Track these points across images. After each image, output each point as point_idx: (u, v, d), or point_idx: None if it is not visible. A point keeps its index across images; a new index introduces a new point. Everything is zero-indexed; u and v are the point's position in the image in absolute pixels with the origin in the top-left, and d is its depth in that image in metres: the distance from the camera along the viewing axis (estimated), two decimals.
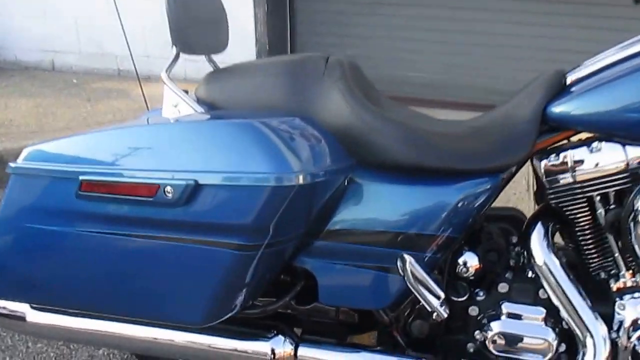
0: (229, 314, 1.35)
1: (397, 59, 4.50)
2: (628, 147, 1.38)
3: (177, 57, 1.46)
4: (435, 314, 1.39)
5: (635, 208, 1.35)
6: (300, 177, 1.21)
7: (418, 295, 1.38)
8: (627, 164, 1.38)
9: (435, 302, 1.38)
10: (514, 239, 1.60)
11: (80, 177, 1.27)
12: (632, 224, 1.35)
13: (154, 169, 1.24)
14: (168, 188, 1.21)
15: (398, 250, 1.41)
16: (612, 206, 1.43)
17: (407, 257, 1.38)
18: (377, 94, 1.63)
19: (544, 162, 1.44)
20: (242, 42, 4.22)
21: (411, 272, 1.37)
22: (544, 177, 1.44)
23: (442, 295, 1.38)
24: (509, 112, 1.47)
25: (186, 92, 1.51)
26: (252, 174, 1.19)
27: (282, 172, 1.20)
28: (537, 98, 1.43)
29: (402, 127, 1.41)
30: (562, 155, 1.42)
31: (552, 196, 1.44)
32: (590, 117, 1.38)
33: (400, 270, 1.39)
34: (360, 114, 1.40)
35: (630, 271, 1.44)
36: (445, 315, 1.39)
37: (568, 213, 1.45)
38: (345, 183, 1.40)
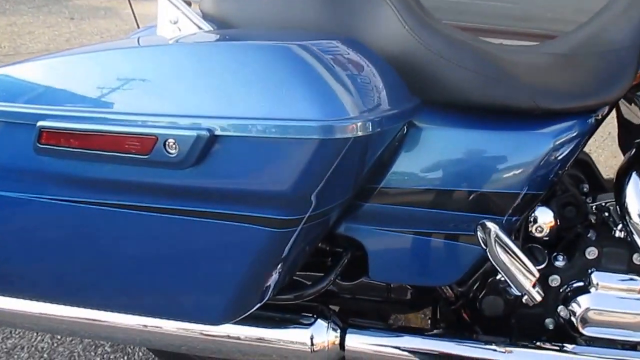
0: (256, 306, 1.03)
1: None
2: None
3: None
4: (525, 297, 1.08)
5: None
6: (358, 126, 0.85)
7: (506, 276, 1.06)
8: None
9: (528, 284, 1.06)
10: (586, 188, 1.30)
11: (39, 123, 0.89)
12: None
13: (149, 113, 0.86)
14: (170, 141, 0.85)
15: (471, 214, 1.08)
16: None
17: (490, 225, 1.05)
18: (435, 20, 1.26)
19: None
20: None
21: (497, 244, 1.04)
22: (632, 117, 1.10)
23: (537, 274, 1.06)
24: (600, 35, 1.11)
25: (189, 3, 1.12)
26: (291, 121, 0.82)
27: (334, 119, 0.83)
28: (636, 16, 1.07)
29: (477, 54, 1.05)
30: None
31: None
32: None
33: (481, 242, 1.06)
34: (422, 37, 1.03)
35: None
36: (540, 299, 1.08)
37: None
38: (405, 129, 1.05)
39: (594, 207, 1.26)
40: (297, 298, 1.14)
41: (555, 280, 1.20)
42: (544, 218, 1.19)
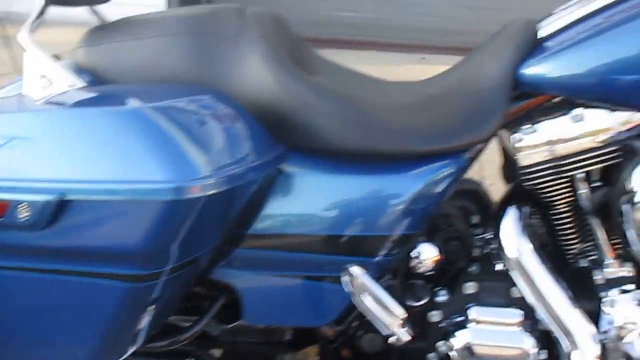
0: (128, 353, 1.03)
1: None
2: (616, 114, 1.13)
3: (43, 8, 1.07)
4: (393, 337, 1.12)
5: (628, 188, 1.10)
6: (210, 184, 0.88)
7: (371, 319, 1.10)
8: (616, 135, 1.13)
9: (394, 326, 1.10)
10: (476, 220, 1.33)
11: None
12: (624, 207, 1.11)
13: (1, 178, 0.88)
14: (22, 206, 0.86)
15: (341, 256, 1.12)
16: (597, 185, 1.18)
17: (353, 270, 1.09)
18: (309, 54, 1.31)
19: (515, 136, 1.17)
20: None
21: (361, 289, 1.09)
22: (516, 153, 1.17)
23: (402, 315, 1.11)
24: (472, 74, 1.18)
25: (56, 57, 1.13)
26: (140, 183, 0.85)
27: (183, 180, 0.87)
28: (506, 57, 1.15)
29: (342, 101, 1.10)
30: (537, 126, 1.16)
31: (526, 176, 1.17)
32: (570, 80, 1.11)
33: (346, 286, 1.10)
34: (288, 86, 1.08)
35: (618, 260, 1.20)
36: (407, 339, 1.12)
37: (544, 195, 1.19)
38: (274, 175, 1.09)
39: (478, 239, 1.30)
40: (172, 343, 1.15)
41: (435, 316, 1.24)
42: (427, 254, 1.23)
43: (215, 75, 1.09)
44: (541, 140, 1.15)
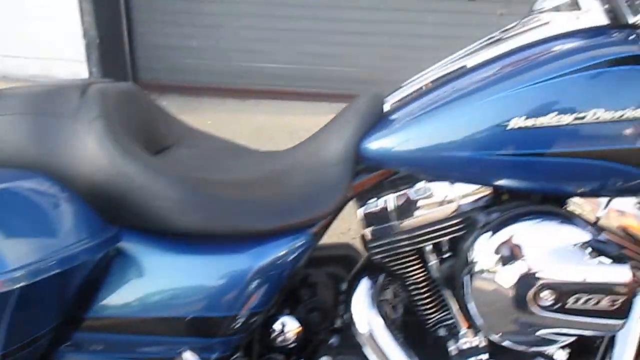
0: None
1: (248, 49, 4.16)
2: (458, 187, 1.15)
3: None
4: None
5: (469, 259, 1.12)
6: (17, 277, 0.86)
7: None
8: (458, 207, 1.15)
9: None
10: (345, 287, 1.32)
11: None
12: (464, 278, 1.12)
13: None
14: None
15: (183, 338, 1.10)
16: (446, 257, 1.20)
17: (185, 355, 1.07)
18: (168, 127, 1.30)
19: (361, 210, 1.18)
20: (69, 37, 3.71)
21: None
22: (362, 227, 1.18)
23: None
24: (316, 149, 1.19)
25: None
26: None
27: None
28: (350, 131, 1.17)
29: (178, 181, 1.09)
30: (382, 200, 1.17)
31: (374, 250, 1.18)
32: (410, 155, 1.13)
33: None
34: (123, 167, 1.06)
35: (472, 330, 1.21)
36: None
37: (395, 269, 1.20)
38: (109, 255, 1.07)
39: (343, 307, 1.28)
40: None
41: None
42: (287, 326, 1.22)
43: (52, 156, 1.08)
44: (386, 214, 1.17)
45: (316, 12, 4.05)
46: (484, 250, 1.10)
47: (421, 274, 1.21)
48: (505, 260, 1.08)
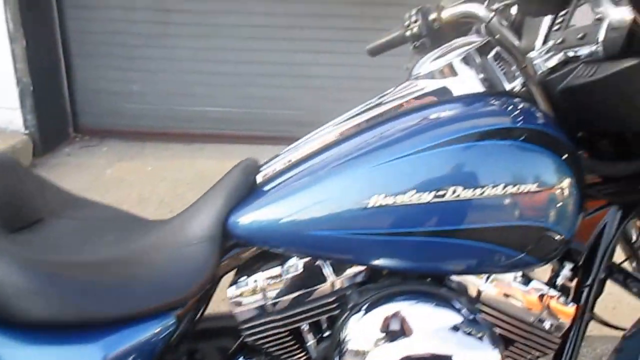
0: None
1: (191, 92, 4.10)
2: (330, 266, 1.09)
3: None
4: None
5: (340, 339, 1.05)
6: None
7: None
8: (332, 285, 1.09)
9: None
10: None
11: None
12: (336, 359, 1.06)
13: None
14: None
15: None
16: (325, 336, 1.13)
17: None
18: (43, 197, 1.23)
19: (231, 289, 1.11)
20: (2, 84, 3.61)
21: None
22: (233, 308, 1.11)
23: None
24: (181, 226, 1.12)
25: None
26: None
27: None
28: (218, 205, 1.10)
29: (21, 267, 1.01)
30: (252, 279, 1.11)
31: (247, 332, 1.11)
32: (277, 232, 1.07)
33: None
34: None
35: None
36: None
37: (272, 350, 1.13)
38: None
39: None
40: None
41: None
42: None
43: None
44: (257, 293, 1.10)
45: (260, 55, 4.02)
46: (354, 331, 1.05)
47: (300, 355, 1.14)
48: (375, 342, 1.02)
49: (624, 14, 0.95)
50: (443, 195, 0.97)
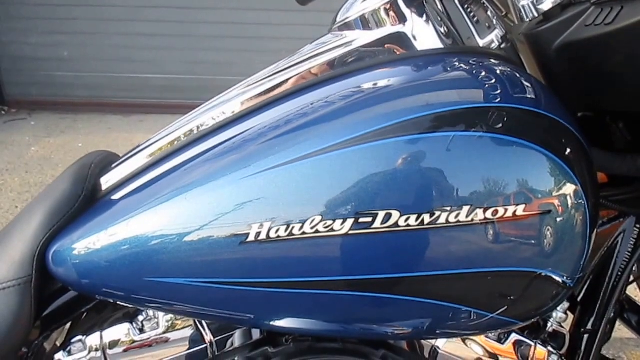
0: None
1: (127, 58, 3.68)
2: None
3: None
4: None
5: None
6: None
7: None
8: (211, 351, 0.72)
9: None
10: None
11: None
12: None
13: None
14: None
15: None
16: None
17: None
18: None
19: (60, 356, 0.74)
20: None
21: None
22: None
23: None
24: None
25: None
26: None
27: None
28: (36, 229, 0.71)
29: None
30: (91, 339, 0.74)
31: None
32: (106, 275, 0.68)
33: None
34: None
35: None
36: None
37: None
38: None
39: None
40: None
41: None
42: None
43: None
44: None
45: (208, 14, 3.59)
46: None
47: None
48: None
49: None
50: (369, 223, 0.58)
